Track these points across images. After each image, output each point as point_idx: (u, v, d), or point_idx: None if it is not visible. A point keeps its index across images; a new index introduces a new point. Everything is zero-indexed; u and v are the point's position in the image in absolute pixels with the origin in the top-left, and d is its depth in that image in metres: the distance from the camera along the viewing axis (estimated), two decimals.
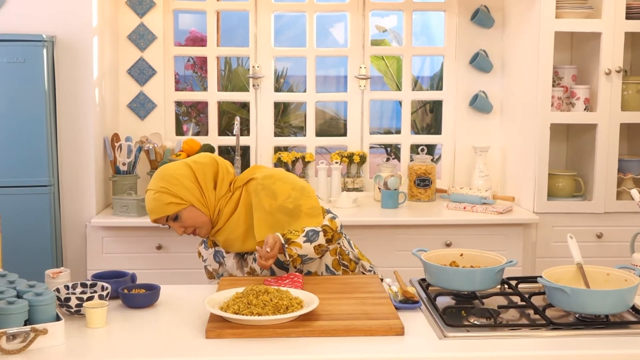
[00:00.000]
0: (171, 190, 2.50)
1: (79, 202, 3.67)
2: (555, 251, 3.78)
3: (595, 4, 3.78)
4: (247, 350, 1.89)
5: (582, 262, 2.32)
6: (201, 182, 2.55)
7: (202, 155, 2.64)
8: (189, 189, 2.52)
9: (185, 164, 2.57)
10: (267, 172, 2.60)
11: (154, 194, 2.52)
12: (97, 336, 2.01)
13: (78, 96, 3.62)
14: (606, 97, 3.78)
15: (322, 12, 4.35)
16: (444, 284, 2.32)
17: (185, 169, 2.55)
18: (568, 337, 2.01)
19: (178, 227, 2.55)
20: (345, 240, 2.72)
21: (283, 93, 5.36)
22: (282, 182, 2.55)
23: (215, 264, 2.68)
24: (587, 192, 3.93)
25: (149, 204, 2.53)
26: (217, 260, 2.66)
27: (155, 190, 2.52)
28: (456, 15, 4.26)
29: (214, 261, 2.67)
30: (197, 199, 2.52)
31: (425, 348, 1.94)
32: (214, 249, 2.67)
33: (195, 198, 2.52)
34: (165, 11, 4.17)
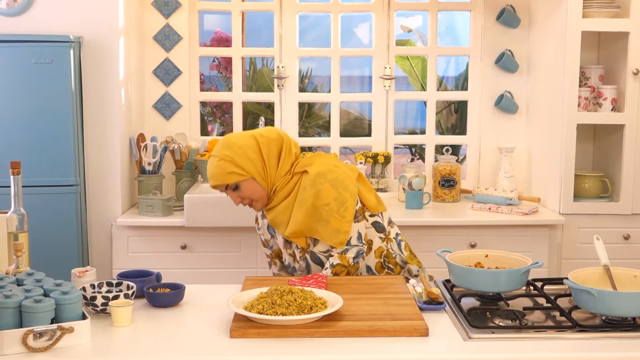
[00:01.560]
0: (235, 160, 2.52)
1: (105, 202, 3.70)
2: (581, 253, 3.75)
3: (622, 4, 3.74)
4: (271, 350, 1.89)
5: (608, 263, 2.30)
6: (265, 156, 2.55)
7: (269, 129, 2.63)
8: (253, 161, 2.53)
9: (252, 136, 2.57)
10: (323, 168, 2.55)
11: (218, 161, 2.53)
12: (122, 335, 2.03)
13: (104, 96, 3.65)
14: (634, 97, 3.74)
15: (347, 12, 4.34)
16: (469, 285, 2.30)
17: (251, 140, 2.55)
18: (594, 340, 1.99)
19: (235, 196, 2.58)
20: (394, 242, 2.72)
21: (307, 93, 5.37)
22: (331, 185, 2.52)
23: (267, 235, 2.74)
24: (614, 193, 3.89)
25: (211, 170, 2.55)
26: (270, 232, 2.71)
27: (219, 157, 2.53)
28: (482, 15, 4.24)
29: (266, 231, 2.74)
30: (258, 173, 2.54)
31: (450, 349, 1.94)
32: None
33: (257, 171, 2.54)
34: (191, 12, 4.19)
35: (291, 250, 2.65)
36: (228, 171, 2.52)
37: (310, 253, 2.60)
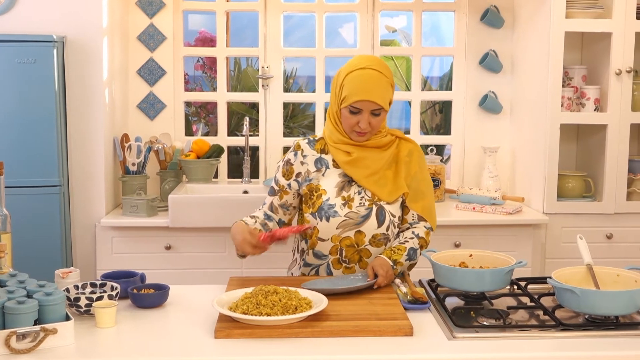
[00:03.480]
0: (392, 83, 2.50)
1: (89, 203, 3.69)
2: (564, 252, 3.77)
3: (605, 4, 3.77)
4: (255, 351, 1.89)
5: (591, 263, 2.31)
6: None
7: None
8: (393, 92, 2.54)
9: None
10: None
11: (380, 75, 2.44)
12: (106, 336, 2.02)
13: (88, 96, 3.64)
14: (616, 98, 3.76)
15: (332, 12, 4.35)
16: (453, 284, 2.31)
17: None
18: (577, 338, 2.01)
19: (368, 122, 2.45)
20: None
21: (292, 93, 5.35)
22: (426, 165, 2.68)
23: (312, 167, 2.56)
24: (597, 192, 3.92)
25: (370, 83, 2.42)
26: (317, 167, 2.57)
27: (381, 72, 2.45)
28: (466, 15, 4.26)
29: (312, 165, 2.56)
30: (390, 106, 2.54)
31: (435, 349, 1.94)
32: (320, 155, 2.58)
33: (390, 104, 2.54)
34: (175, 12, 4.18)
35: (348, 193, 2.53)
36: (387, 91, 2.46)
37: (379, 207, 2.52)
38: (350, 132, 2.51)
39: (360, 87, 2.43)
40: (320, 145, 2.60)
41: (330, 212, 2.51)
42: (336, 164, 2.56)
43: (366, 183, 2.53)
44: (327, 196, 2.53)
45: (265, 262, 3.72)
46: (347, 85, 2.45)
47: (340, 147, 2.54)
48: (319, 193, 2.54)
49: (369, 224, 2.52)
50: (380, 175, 2.54)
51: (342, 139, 2.54)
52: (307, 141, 2.62)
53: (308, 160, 2.58)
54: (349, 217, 2.51)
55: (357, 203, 2.52)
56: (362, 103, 2.44)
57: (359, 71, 2.45)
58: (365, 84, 2.43)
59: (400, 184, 2.55)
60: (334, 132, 2.56)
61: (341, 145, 2.54)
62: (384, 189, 2.53)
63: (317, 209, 2.53)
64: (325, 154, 2.59)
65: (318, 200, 2.53)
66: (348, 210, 2.51)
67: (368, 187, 2.53)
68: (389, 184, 2.54)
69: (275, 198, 2.62)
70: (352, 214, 2.51)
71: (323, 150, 2.59)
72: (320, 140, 2.62)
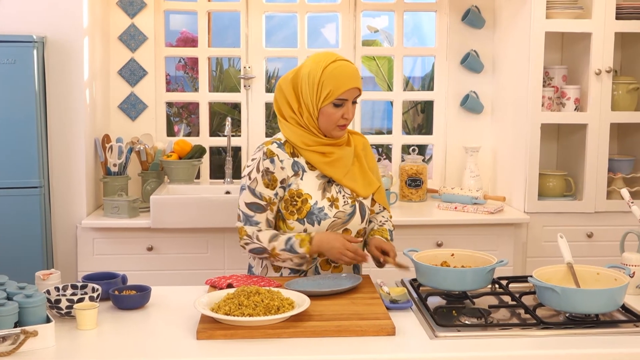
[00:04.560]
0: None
1: (70, 204, 3.66)
2: (545, 251, 3.79)
3: (585, 5, 3.80)
4: (238, 351, 1.89)
5: (572, 261, 2.33)
6: None
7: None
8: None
9: None
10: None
11: (350, 63, 2.52)
12: (87, 338, 2.01)
13: (68, 97, 3.61)
14: (596, 97, 3.79)
15: (313, 12, 4.35)
16: (435, 284, 2.32)
17: None
18: (558, 337, 2.02)
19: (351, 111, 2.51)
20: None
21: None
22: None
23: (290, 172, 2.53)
24: (578, 191, 3.95)
25: (350, 71, 2.49)
26: (295, 170, 2.53)
27: (349, 61, 2.53)
28: (447, 15, 4.27)
29: (290, 170, 2.52)
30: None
31: (417, 348, 1.95)
32: (293, 159, 2.54)
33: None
34: (156, 12, 4.16)
35: (331, 194, 2.54)
36: (360, 77, 2.53)
37: (360, 203, 2.59)
38: (333, 129, 2.52)
39: (344, 77, 2.47)
40: (289, 149, 2.56)
41: (321, 215, 2.52)
42: (311, 166, 2.56)
43: (345, 181, 2.57)
44: (314, 200, 2.52)
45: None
46: (328, 80, 2.46)
47: (315, 149, 2.54)
48: (303, 198, 2.52)
49: (354, 221, 2.58)
50: (352, 172, 2.60)
51: (317, 140, 2.54)
52: (276, 145, 2.55)
53: (285, 165, 2.53)
54: (337, 217, 2.54)
55: (342, 202, 2.55)
56: (349, 92, 2.48)
57: (333, 64, 2.49)
58: (346, 74, 2.48)
59: (370, 178, 2.64)
60: (305, 135, 2.53)
61: (316, 147, 2.54)
62: (358, 184, 2.59)
63: (306, 214, 2.52)
64: (297, 157, 2.56)
65: (305, 205, 2.52)
66: (336, 210, 2.54)
67: (347, 185, 2.57)
68: (359, 179, 2.61)
69: (268, 213, 2.54)
70: (340, 214, 2.55)
71: (294, 154, 2.56)
72: (286, 144, 2.57)
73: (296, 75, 2.54)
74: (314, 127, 2.53)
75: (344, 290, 2.32)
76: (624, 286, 2.12)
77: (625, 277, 2.21)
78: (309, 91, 2.50)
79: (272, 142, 2.56)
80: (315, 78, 2.48)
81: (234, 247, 3.68)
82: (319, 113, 2.50)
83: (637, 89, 3.89)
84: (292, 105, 2.55)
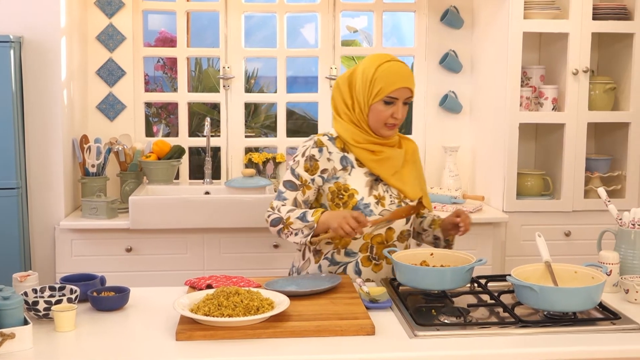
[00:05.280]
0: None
1: (48, 205, 3.64)
2: (524, 250, 3.81)
3: (562, 5, 3.82)
4: (217, 352, 1.89)
5: (550, 260, 2.35)
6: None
7: None
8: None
9: None
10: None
11: (406, 65, 2.54)
12: (65, 340, 1.99)
13: (46, 97, 3.59)
14: (573, 97, 3.82)
15: (293, 12, 4.34)
16: (415, 283, 2.32)
17: None
18: (536, 335, 2.03)
19: (404, 112, 2.54)
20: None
21: (254, 94, 5.34)
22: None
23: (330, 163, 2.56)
24: (556, 191, 3.97)
25: (403, 71, 2.52)
26: (343, 165, 2.58)
27: (404, 63, 2.54)
28: (426, 15, 4.28)
29: (338, 163, 2.57)
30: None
31: (396, 347, 1.95)
32: (343, 154, 2.58)
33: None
34: (135, 12, 4.14)
35: (378, 192, 2.57)
36: (414, 80, 2.55)
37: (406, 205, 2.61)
38: (381, 127, 2.56)
39: (397, 76, 2.50)
40: (340, 145, 2.61)
41: (367, 212, 2.54)
42: (360, 163, 2.59)
43: (393, 181, 2.59)
44: (360, 196, 2.56)
45: (228, 263, 3.72)
46: (381, 77, 2.50)
47: (365, 146, 2.58)
48: (349, 193, 2.56)
49: (398, 221, 2.60)
50: (401, 173, 2.62)
51: (367, 138, 2.58)
52: (327, 138, 2.61)
53: (334, 158, 2.58)
54: (382, 214, 2.56)
55: (389, 201, 2.58)
56: (400, 91, 2.51)
57: (388, 63, 2.53)
58: (399, 73, 2.51)
59: (418, 184, 2.66)
60: (357, 132, 2.58)
61: (366, 144, 2.58)
62: (407, 187, 2.61)
63: (352, 208, 2.55)
64: (347, 152, 2.61)
65: (351, 200, 2.55)
66: (382, 208, 2.57)
67: (394, 185, 2.60)
68: (408, 182, 2.62)
69: (299, 193, 2.57)
70: (385, 212, 2.57)
71: (344, 149, 2.61)
72: (337, 139, 2.62)
73: (352, 73, 2.60)
74: (364, 123, 2.57)
75: (324, 290, 2.32)
76: (601, 284, 2.14)
77: (603, 275, 2.22)
78: (362, 87, 2.54)
79: (324, 134, 2.64)
80: (368, 75, 2.53)
81: (213, 247, 3.67)
82: (369, 110, 2.54)
83: (614, 88, 3.92)
84: (346, 102, 2.60)
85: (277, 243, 3.69)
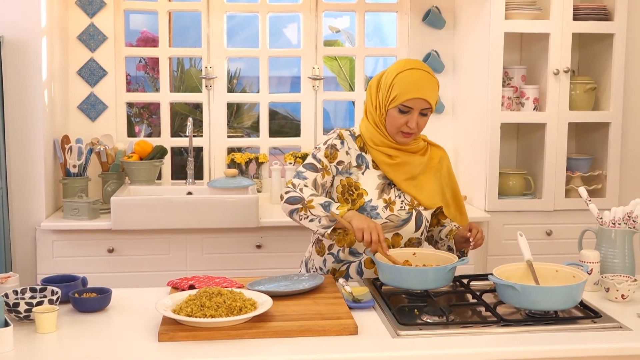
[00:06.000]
0: (438, 85, 2.56)
1: (29, 205, 3.61)
2: (506, 249, 3.83)
3: (543, 6, 3.85)
4: (200, 353, 1.88)
5: (531, 259, 2.36)
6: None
7: None
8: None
9: None
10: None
11: (429, 75, 2.51)
12: (47, 341, 1.98)
13: (27, 98, 3.56)
14: (554, 97, 3.84)
15: (275, 12, 4.34)
16: (397, 283, 2.33)
17: None
18: (518, 334, 2.04)
19: (416, 122, 2.51)
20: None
21: (236, 94, 5.34)
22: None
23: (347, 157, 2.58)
24: (537, 190, 4.00)
25: (423, 81, 2.48)
26: (358, 163, 2.59)
27: (429, 73, 2.52)
28: (408, 16, 4.30)
29: (354, 159, 2.58)
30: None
31: (379, 347, 1.95)
32: (360, 152, 2.59)
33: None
34: (116, 11, 4.12)
35: (389, 196, 2.57)
36: (435, 92, 2.51)
37: (418, 212, 2.59)
38: (396, 134, 2.55)
39: (413, 85, 2.47)
40: (360, 143, 2.61)
41: (373, 214, 2.54)
42: (375, 165, 2.59)
43: (406, 187, 2.58)
44: (369, 197, 2.55)
45: (211, 264, 3.71)
46: (398, 84, 2.49)
47: (382, 149, 2.57)
48: (359, 192, 2.56)
49: (407, 228, 2.59)
50: (418, 180, 2.61)
51: (385, 141, 2.57)
52: (349, 133, 2.62)
53: (352, 153, 2.60)
54: (390, 219, 2.55)
55: (399, 207, 2.57)
56: (414, 101, 2.48)
57: (409, 71, 2.50)
58: (417, 83, 2.48)
59: (437, 193, 2.64)
60: (376, 134, 2.58)
61: (383, 147, 2.57)
62: (422, 194, 2.59)
63: (359, 208, 2.54)
64: (365, 152, 2.60)
65: (359, 199, 2.55)
66: (390, 213, 2.56)
67: (408, 191, 2.58)
68: (425, 190, 2.61)
69: (319, 175, 2.55)
70: (393, 217, 2.56)
71: (362, 149, 2.61)
72: (358, 137, 2.62)
73: (383, 74, 2.60)
74: (383, 127, 2.57)
75: (307, 290, 2.32)
76: (582, 283, 2.15)
77: (583, 274, 2.24)
78: (383, 91, 2.55)
79: (347, 129, 2.64)
80: (389, 79, 2.52)
81: (196, 248, 3.66)
82: (387, 114, 2.54)
83: (594, 88, 3.95)
84: (372, 102, 2.60)
85: (260, 243, 3.69)
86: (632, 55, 3.95)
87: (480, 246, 2.58)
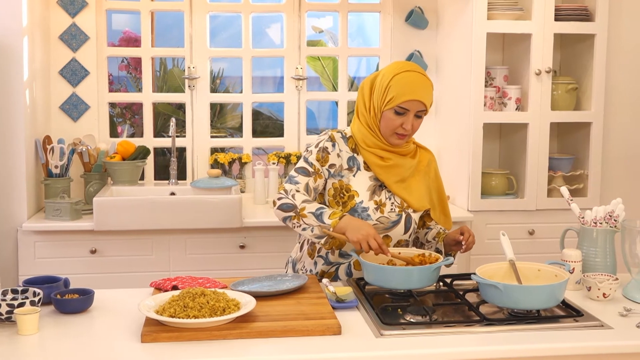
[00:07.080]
0: (433, 88, 2.57)
1: (10, 206, 3.59)
2: (488, 248, 3.85)
3: (525, 6, 3.87)
4: (183, 354, 1.88)
5: (514, 258, 2.37)
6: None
7: None
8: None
9: None
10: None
11: (425, 77, 2.52)
12: (29, 343, 1.97)
13: (7, 98, 3.54)
14: (536, 97, 3.87)
15: (258, 12, 4.34)
16: (382, 283, 2.33)
17: None
18: (501, 333, 2.05)
19: (411, 124, 2.52)
20: None
21: (219, 94, 5.33)
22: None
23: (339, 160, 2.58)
24: (519, 190, 4.02)
25: (420, 84, 2.49)
26: (349, 165, 2.59)
27: (425, 75, 2.53)
28: (391, 16, 4.30)
29: (345, 162, 2.58)
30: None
31: (362, 347, 1.96)
32: (352, 154, 2.59)
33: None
34: (98, 11, 4.10)
35: (379, 198, 2.57)
36: (431, 95, 2.53)
37: (407, 214, 2.59)
38: (390, 135, 2.55)
39: (409, 87, 2.48)
40: (352, 145, 2.61)
41: (363, 215, 2.54)
42: (367, 166, 2.59)
43: (396, 189, 2.58)
44: (360, 199, 2.55)
45: (194, 265, 3.70)
46: (395, 86, 2.49)
47: (374, 151, 2.57)
48: (350, 194, 2.56)
49: (397, 230, 2.59)
50: (408, 183, 2.61)
51: (377, 143, 2.57)
52: (340, 135, 2.61)
53: (343, 155, 2.59)
54: (380, 221, 2.55)
55: (389, 209, 2.57)
56: (411, 103, 2.49)
57: (406, 73, 2.51)
58: (413, 85, 2.49)
59: (425, 196, 2.65)
60: (368, 136, 2.57)
61: (375, 149, 2.57)
62: (412, 197, 2.60)
63: (349, 209, 2.54)
64: (356, 154, 2.60)
65: (350, 201, 2.55)
66: (380, 214, 2.56)
67: (398, 194, 2.59)
68: (414, 192, 2.61)
69: (311, 180, 2.55)
70: (383, 219, 2.56)
71: (354, 150, 2.60)
72: (350, 138, 2.62)
73: (376, 76, 2.59)
74: (377, 128, 2.57)
75: (290, 290, 2.32)
76: (564, 282, 2.17)
77: (565, 273, 2.25)
78: (377, 92, 2.54)
79: (338, 131, 2.64)
80: (385, 81, 2.52)
81: (179, 248, 3.65)
82: (382, 116, 2.53)
83: (576, 89, 3.98)
84: (365, 103, 2.59)
85: (243, 244, 3.69)
86: (613, 55, 3.98)
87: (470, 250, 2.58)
